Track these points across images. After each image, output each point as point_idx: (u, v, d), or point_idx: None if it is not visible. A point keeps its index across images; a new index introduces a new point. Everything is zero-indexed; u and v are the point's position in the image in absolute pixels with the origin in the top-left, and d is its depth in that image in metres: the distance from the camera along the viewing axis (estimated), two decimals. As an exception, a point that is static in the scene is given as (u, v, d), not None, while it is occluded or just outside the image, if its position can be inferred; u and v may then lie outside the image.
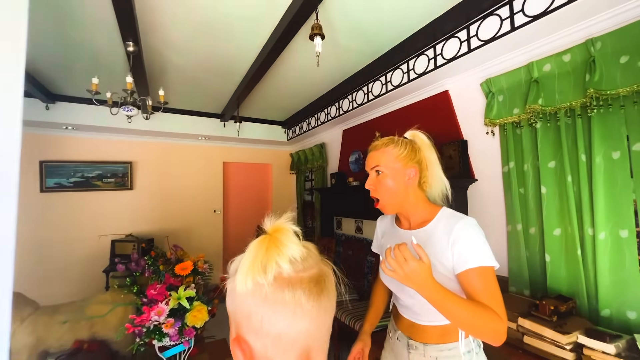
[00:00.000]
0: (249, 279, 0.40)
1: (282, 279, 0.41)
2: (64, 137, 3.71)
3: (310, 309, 0.41)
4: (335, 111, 3.50)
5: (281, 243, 0.42)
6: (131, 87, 1.94)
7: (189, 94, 3.48)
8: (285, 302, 0.40)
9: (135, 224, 4.05)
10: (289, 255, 0.41)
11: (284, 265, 0.41)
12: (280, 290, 0.40)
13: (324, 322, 0.43)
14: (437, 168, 0.93)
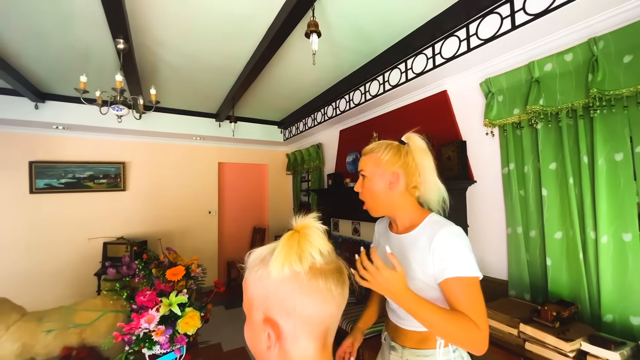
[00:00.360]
0: (286, 267, 0.44)
1: (315, 269, 0.46)
2: (55, 137, 3.62)
3: (337, 296, 0.47)
4: (332, 111, 3.46)
5: (312, 237, 0.47)
6: (121, 86, 1.88)
7: (183, 93, 3.41)
8: (319, 288, 0.45)
9: (129, 225, 3.97)
10: (320, 249, 0.46)
11: (316, 257, 0.46)
12: (315, 279, 0.45)
13: (343, 307, 0.49)
14: (431, 173, 0.90)
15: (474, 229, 2.14)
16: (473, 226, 2.15)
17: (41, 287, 3.45)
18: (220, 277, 4.58)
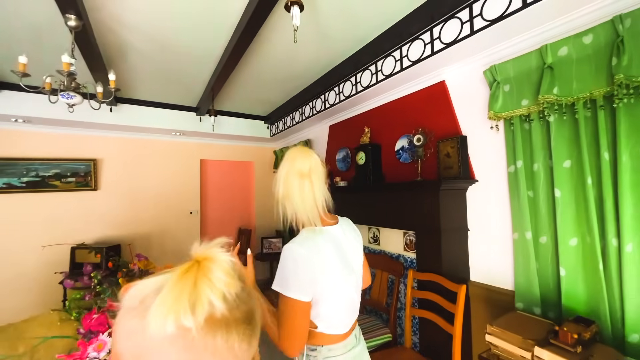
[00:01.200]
0: (170, 321, 0.31)
1: (214, 321, 0.34)
2: (14, 130, 3.27)
3: (241, 355, 0.36)
4: (321, 105, 3.22)
5: (214, 275, 0.35)
6: (68, 69, 1.60)
7: (159, 85, 3.12)
8: (215, 349, 0.34)
9: (101, 228, 3.65)
10: (224, 292, 0.35)
11: (217, 304, 0.34)
12: (212, 335, 0.34)
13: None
14: None
15: (475, 233, 1.95)
16: (474, 230, 1.95)
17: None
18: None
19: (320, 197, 0.92)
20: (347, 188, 2.80)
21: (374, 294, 2.31)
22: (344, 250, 0.96)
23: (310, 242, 0.88)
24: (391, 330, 2.07)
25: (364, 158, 2.65)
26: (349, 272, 0.94)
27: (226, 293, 0.35)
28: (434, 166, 2.14)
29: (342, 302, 0.93)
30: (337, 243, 0.95)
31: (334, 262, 0.90)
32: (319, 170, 0.93)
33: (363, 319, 2.20)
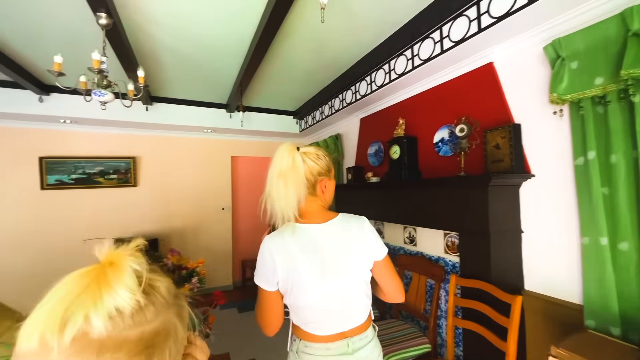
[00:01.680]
0: (35, 336, 0.27)
1: (85, 342, 0.28)
2: (64, 131, 3.51)
3: None
4: (352, 96, 3.06)
5: (109, 286, 0.30)
6: (99, 66, 1.61)
7: (190, 82, 3.16)
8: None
9: (140, 222, 3.83)
10: (112, 307, 0.29)
11: (95, 323, 0.28)
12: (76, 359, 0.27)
13: None
14: None
15: (530, 236, 1.69)
16: (529, 232, 1.70)
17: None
18: (235, 276, 4.38)
19: (292, 196, 0.90)
20: (380, 184, 2.63)
21: (410, 298, 2.13)
22: (321, 250, 0.92)
23: (278, 238, 0.92)
24: (430, 340, 1.89)
25: (398, 152, 2.46)
26: (323, 274, 0.90)
27: (118, 308, 0.29)
28: (479, 159, 1.91)
29: (315, 302, 0.90)
30: (313, 242, 0.92)
31: (302, 261, 0.90)
32: (297, 170, 0.91)
33: (398, 326, 2.04)
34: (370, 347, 0.95)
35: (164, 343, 0.32)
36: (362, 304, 0.95)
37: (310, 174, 0.94)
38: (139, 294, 0.31)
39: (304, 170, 0.93)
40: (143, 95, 3.09)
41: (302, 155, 0.94)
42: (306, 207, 0.95)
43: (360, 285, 0.94)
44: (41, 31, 2.08)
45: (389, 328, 2.02)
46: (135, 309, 0.30)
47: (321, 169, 0.96)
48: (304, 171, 0.93)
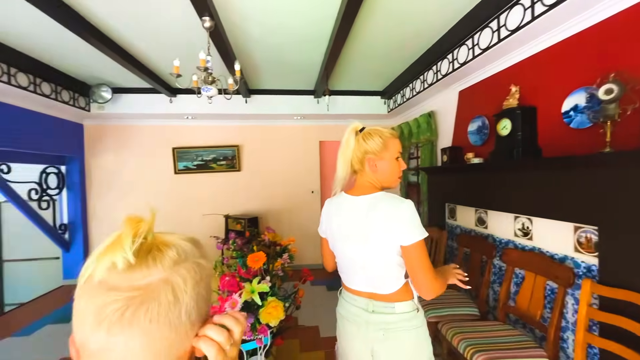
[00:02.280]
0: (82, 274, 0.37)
1: (89, 283, 0.36)
2: (187, 126, 4.25)
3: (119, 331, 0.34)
4: (448, 66, 2.68)
5: (112, 245, 0.36)
6: (204, 64, 1.83)
7: (279, 72, 3.34)
8: (78, 310, 0.36)
9: (245, 202, 4.38)
10: (109, 261, 0.35)
11: (97, 269, 0.35)
12: (79, 296, 0.36)
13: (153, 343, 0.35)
14: None
15: None
16: None
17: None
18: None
19: (340, 171, 1.07)
20: (483, 166, 2.26)
21: (521, 301, 1.79)
22: (348, 218, 1.05)
23: (328, 202, 1.17)
24: (549, 355, 1.55)
25: (508, 127, 2.04)
26: (346, 238, 1.04)
27: (113, 263, 0.35)
28: (636, 129, 1.39)
29: (340, 258, 1.10)
30: (345, 209, 1.06)
31: (334, 222, 1.09)
32: (347, 148, 1.05)
33: (504, 330, 1.75)
34: (396, 320, 0.99)
35: (153, 300, 0.35)
36: (387, 277, 0.99)
37: (358, 151, 1.04)
38: (130, 256, 0.35)
39: (354, 148, 1.05)
40: (241, 88, 3.43)
41: (358, 135, 1.06)
42: (357, 180, 1.09)
43: (381, 260, 0.98)
44: (165, 43, 2.51)
45: (491, 331, 1.75)
46: (126, 266, 0.35)
47: (369, 148, 1.03)
48: (352, 149, 1.05)
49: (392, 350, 0.98)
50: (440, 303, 2.09)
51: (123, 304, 0.34)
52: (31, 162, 3.51)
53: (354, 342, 1.05)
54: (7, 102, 2.92)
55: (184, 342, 0.38)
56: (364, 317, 1.02)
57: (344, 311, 1.09)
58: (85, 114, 3.78)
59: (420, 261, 0.93)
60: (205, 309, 0.41)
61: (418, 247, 0.93)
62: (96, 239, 4.14)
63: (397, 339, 0.98)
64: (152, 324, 0.35)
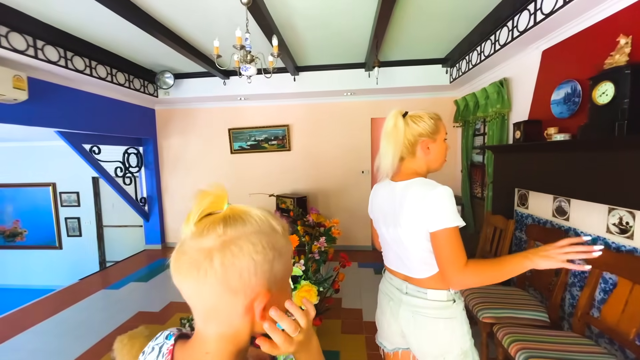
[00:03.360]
0: None
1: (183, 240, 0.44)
2: (240, 107, 4.40)
3: (174, 275, 0.44)
4: (528, 20, 2.17)
5: (190, 213, 0.44)
6: (240, 42, 1.78)
7: (326, 46, 3.15)
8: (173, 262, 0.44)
9: (294, 182, 4.45)
10: (192, 222, 0.43)
11: (185, 229, 0.44)
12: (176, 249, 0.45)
13: (190, 295, 0.43)
14: None
15: None
16: None
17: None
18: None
19: (389, 155, 1.03)
20: (569, 144, 1.82)
21: (609, 312, 1.44)
22: (385, 202, 1.09)
23: (375, 187, 1.21)
24: (645, 384, 1.23)
25: (610, 92, 1.57)
26: (383, 221, 1.10)
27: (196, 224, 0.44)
28: None
29: (380, 237, 1.18)
30: (386, 195, 1.10)
31: (376, 206, 1.15)
32: (397, 131, 1.02)
33: (582, 345, 1.44)
34: (426, 305, 0.99)
35: (228, 259, 0.41)
36: (417, 261, 1.00)
37: (410, 135, 1.02)
38: (192, 227, 0.43)
39: (405, 132, 1.02)
40: (289, 65, 3.35)
41: (406, 118, 1.04)
42: (402, 167, 1.07)
43: (411, 244, 0.99)
44: (212, 24, 2.53)
45: (562, 343, 1.46)
46: (203, 227, 0.43)
47: (423, 130, 1.02)
48: (404, 132, 1.02)
49: (420, 336, 1.01)
50: (499, 301, 1.83)
51: (186, 260, 0.42)
52: (115, 144, 4.06)
53: (389, 319, 1.11)
54: (91, 92, 3.36)
55: (230, 302, 0.42)
56: (398, 296, 1.07)
57: (384, 287, 1.18)
58: (155, 100, 4.18)
59: (446, 250, 0.89)
60: (258, 281, 0.43)
61: (446, 234, 0.89)
62: (169, 210, 4.70)
63: (426, 326, 0.99)
64: (201, 280, 0.41)
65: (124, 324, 2.54)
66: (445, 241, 0.89)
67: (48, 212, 5.07)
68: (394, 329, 1.09)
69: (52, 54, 2.62)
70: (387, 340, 1.15)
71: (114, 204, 5.00)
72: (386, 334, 1.14)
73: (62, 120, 3.04)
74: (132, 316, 2.68)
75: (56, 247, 5.14)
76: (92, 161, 3.67)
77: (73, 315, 2.73)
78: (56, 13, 2.34)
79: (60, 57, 2.70)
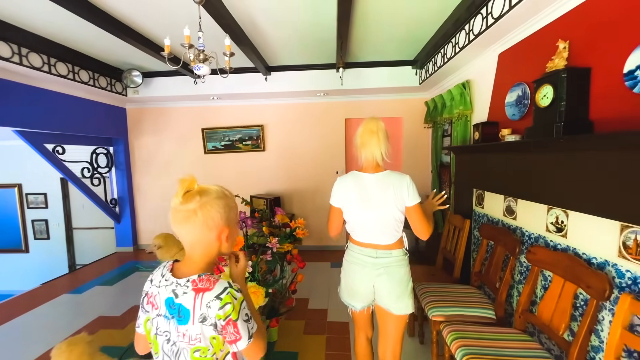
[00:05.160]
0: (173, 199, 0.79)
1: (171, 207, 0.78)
2: (213, 107, 4.35)
3: (176, 225, 0.78)
4: (482, 23, 2.22)
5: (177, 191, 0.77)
6: (189, 41, 1.75)
7: (296, 46, 3.15)
8: (170, 217, 0.78)
9: (269, 182, 4.43)
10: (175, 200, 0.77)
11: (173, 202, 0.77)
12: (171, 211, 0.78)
13: (186, 234, 0.78)
14: None
15: None
16: None
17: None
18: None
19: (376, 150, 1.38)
20: (514, 145, 1.87)
21: (544, 309, 1.48)
22: (365, 190, 1.39)
23: (344, 177, 1.47)
24: (571, 378, 1.26)
25: (550, 95, 1.62)
26: (366, 206, 1.39)
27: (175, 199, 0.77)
28: None
29: (357, 219, 1.43)
30: (362, 185, 1.40)
31: (352, 193, 1.41)
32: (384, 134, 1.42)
33: (521, 341, 1.48)
34: (392, 261, 1.41)
35: (192, 217, 0.76)
36: (390, 232, 1.40)
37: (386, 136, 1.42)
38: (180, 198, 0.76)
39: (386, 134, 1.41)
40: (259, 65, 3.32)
41: None
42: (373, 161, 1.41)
43: (390, 219, 1.38)
44: (172, 24, 2.49)
45: (502, 340, 1.50)
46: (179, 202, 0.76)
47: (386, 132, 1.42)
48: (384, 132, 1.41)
49: (387, 281, 1.39)
50: (450, 300, 1.86)
51: (181, 216, 0.76)
52: (82, 144, 3.95)
53: (361, 279, 1.43)
54: (51, 89, 3.26)
55: (208, 237, 0.78)
56: (370, 261, 1.41)
57: (352, 258, 1.47)
58: (126, 99, 4.08)
59: (420, 214, 1.37)
60: (222, 222, 0.79)
61: (417, 206, 1.37)
62: (141, 211, 4.60)
63: (391, 273, 1.40)
64: (187, 226, 0.76)
65: (81, 330, 2.47)
66: (418, 211, 1.36)
67: (13, 215, 4.90)
68: (367, 287, 1.42)
69: (4, 51, 2.53)
70: (359, 300, 1.46)
71: (84, 205, 4.87)
72: (360, 295, 1.45)
73: (19, 119, 2.94)
74: (91, 321, 2.61)
75: (22, 251, 4.97)
76: (55, 161, 3.56)
77: (28, 322, 2.64)
78: (5, 7, 2.26)
79: (14, 54, 2.60)
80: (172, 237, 2.77)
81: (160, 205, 4.55)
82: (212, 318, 0.72)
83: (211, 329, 0.73)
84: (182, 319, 0.73)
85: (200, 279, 0.75)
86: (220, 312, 0.72)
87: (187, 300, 0.73)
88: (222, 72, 2.22)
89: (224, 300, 0.72)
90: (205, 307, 0.72)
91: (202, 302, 0.72)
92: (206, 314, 0.72)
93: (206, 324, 0.72)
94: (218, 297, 0.73)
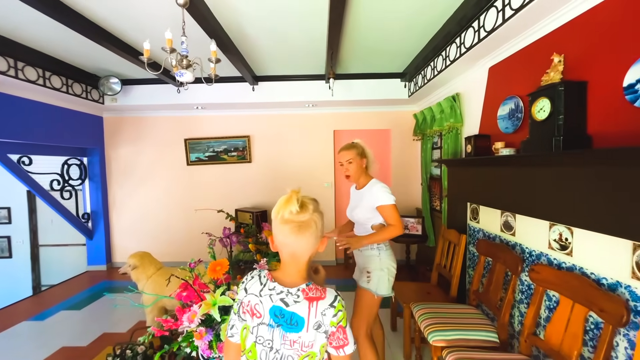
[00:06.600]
0: (275, 214, 0.84)
1: (283, 219, 0.82)
2: (197, 116, 4.18)
3: (292, 236, 0.81)
4: (473, 37, 2.21)
5: (288, 202, 0.81)
6: (171, 45, 1.63)
7: (284, 56, 3.07)
8: (282, 229, 0.82)
9: (255, 195, 4.25)
10: (290, 209, 0.80)
11: (284, 213, 0.81)
12: (284, 223, 0.82)
13: (301, 244, 0.82)
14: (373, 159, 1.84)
15: None
16: None
17: (190, 244, 4.20)
18: (338, 255, 4.33)
19: None
20: (511, 159, 1.82)
21: (552, 333, 1.39)
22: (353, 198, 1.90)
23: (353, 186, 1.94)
24: (587, 411, 1.17)
25: (547, 108, 1.59)
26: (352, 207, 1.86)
27: (291, 210, 0.81)
28: None
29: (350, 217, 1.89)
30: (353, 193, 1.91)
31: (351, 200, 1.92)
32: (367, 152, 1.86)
33: (527, 369, 1.37)
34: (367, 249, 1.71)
35: (307, 229, 0.82)
36: (365, 228, 1.76)
37: None
38: (297, 206, 0.81)
39: None
40: (245, 74, 3.21)
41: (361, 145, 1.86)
42: None
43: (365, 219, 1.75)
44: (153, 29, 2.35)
45: (510, 369, 1.39)
46: (297, 211, 0.81)
47: None
48: None
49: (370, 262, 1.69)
50: (450, 322, 1.75)
51: (296, 226, 0.81)
52: (52, 154, 3.66)
53: (358, 264, 1.79)
54: (19, 95, 3.01)
55: (315, 245, 0.85)
56: None
57: None
58: (102, 107, 3.85)
59: (390, 214, 1.66)
60: (323, 232, 0.87)
61: (387, 207, 1.66)
62: (116, 226, 4.29)
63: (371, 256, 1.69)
64: (306, 235, 0.82)
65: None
66: (388, 211, 1.66)
67: (-29, 231, 4.47)
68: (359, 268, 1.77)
69: (-37, 52, 2.30)
70: (357, 279, 1.76)
71: (52, 220, 4.50)
72: (357, 275, 1.79)
73: (-22, 127, 2.68)
74: (52, 353, 2.32)
75: (-20, 271, 4.52)
76: (20, 173, 3.26)
77: (-23, 356, 2.32)
78: (-34, 6, 2.06)
79: (-26, 56, 2.38)
80: (149, 256, 2.54)
81: (138, 220, 4.27)
82: (326, 325, 0.78)
83: (323, 336, 0.78)
84: (295, 327, 0.77)
85: (309, 288, 0.81)
86: (334, 319, 0.79)
87: (301, 308, 0.78)
88: (207, 81, 2.09)
89: (337, 308, 0.79)
90: (320, 315, 0.78)
91: (317, 310, 0.78)
92: (321, 322, 0.78)
93: (320, 331, 0.78)
94: (331, 305, 0.80)
